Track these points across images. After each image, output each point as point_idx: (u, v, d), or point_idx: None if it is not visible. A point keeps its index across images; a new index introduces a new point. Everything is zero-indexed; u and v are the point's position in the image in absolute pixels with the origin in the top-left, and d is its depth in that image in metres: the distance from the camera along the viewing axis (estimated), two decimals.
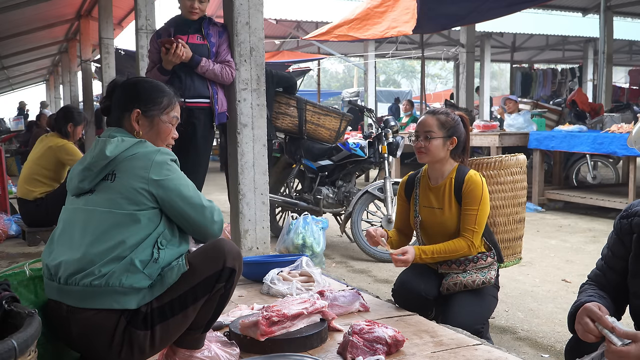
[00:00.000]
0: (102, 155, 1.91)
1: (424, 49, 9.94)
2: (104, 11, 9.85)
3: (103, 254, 1.82)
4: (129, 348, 1.84)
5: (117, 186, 1.89)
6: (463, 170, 2.74)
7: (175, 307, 1.85)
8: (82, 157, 2.07)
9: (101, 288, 1.80)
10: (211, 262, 1.88)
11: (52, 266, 1.88)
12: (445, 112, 2.77)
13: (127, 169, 1.90)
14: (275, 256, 3.54)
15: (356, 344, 2.09)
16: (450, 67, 29.20)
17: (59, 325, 1.89)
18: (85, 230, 1.87)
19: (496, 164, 3.04)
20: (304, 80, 19.55)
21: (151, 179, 1.89)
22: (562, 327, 3.42)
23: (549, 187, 7.80)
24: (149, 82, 2.14)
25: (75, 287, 1.82)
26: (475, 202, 2.65)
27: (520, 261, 3.17)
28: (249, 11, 3.69)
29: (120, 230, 1.85)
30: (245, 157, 3.69)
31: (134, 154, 1.92)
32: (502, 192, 3.03)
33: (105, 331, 1.82)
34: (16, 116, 19.07)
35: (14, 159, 11.74)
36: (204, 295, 1.88)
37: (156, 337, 1.85)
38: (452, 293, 2.70)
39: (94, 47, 13.02)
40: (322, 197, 5.44)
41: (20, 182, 4.86)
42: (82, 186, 1.94)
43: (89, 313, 1.82)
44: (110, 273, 1.80)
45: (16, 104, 20.28)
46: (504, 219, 3.03)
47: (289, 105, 5.39)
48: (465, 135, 2.79)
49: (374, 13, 8.07)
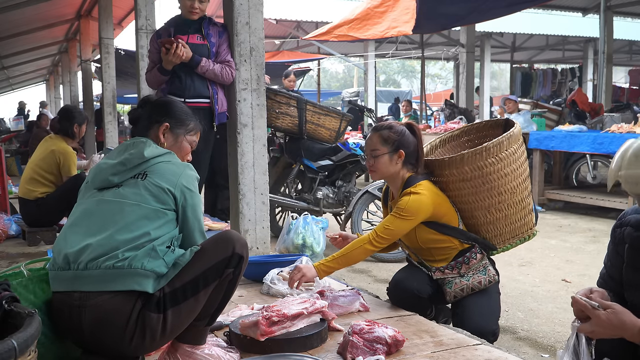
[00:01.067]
0: (139, 154, 2.05)
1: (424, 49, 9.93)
2: (104, 11, 9.84)
3: (128, 241, 1.91)
4: (141, 333, 1.87)
5: (147, 184, 2.01)
6: (411, 182, 2.69)
7: (188, 291, 1.92)
8: (108, 154, 2.16)
9: (123, 270, 1.86)
10: (221, 248, 1.99)
11: (73, 252, 1.91)
12: (388, 127, 2.74)
13: (159, 172, 2.04)
14: (275, 256, 3.54)
15: (356, 344, 2.10)
16: (450, 67, 29.21)
17: (68, 317, 1.89)
18: (111, 219, 1.95)
19: (501, 145, 2.68)
20: (304, 80, 19.56)
21: (181, 184, 2.04)
22: (562, 327, 3.42)
23: (549, 187, 7.80)
24: (182, 105, 2.33)
25: (97, 270, 1.87)
26: (398, 208, 2.62)
27: (537, 233, 2.93)
28: (249, 11, 3.69)
29: (147, 222, 1.96)
30: (245, 157, 3.69)
31: (169, 161, 2.10)
32: (517, 170, 2.73)
33: (121, 314, 1.85)
34: (16, 116, 19.08)
35: (14, 159, 11.73)
36: (215, 279, 1.96)
37: (168, 321, 1.90)
38: (460, 298, 2.70)
39: (94, 47, 13.02)
40: (322, 197, 5.44)
41: (22, 182, 4.86)
42: (112, 180, 2.03)
43: (105, 297, 1.85)
44: (133, 256, 1.89)
45: (16, 104, 20.29)
46: (525, 193, 2.78)
47: (289, 105, 5.40)
48: (415, 144, 2.75)
49: (374, 13, 8.07)
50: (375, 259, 5.04)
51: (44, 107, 16.88)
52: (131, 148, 2.10)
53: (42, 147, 4.91)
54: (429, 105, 15.66)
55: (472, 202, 2.74)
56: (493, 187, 2.70)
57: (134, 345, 1.89)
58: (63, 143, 4.86)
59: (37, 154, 4.89)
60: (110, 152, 2.17)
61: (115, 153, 2.13)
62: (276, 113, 5.35)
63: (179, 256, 1.97)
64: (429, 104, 15.48)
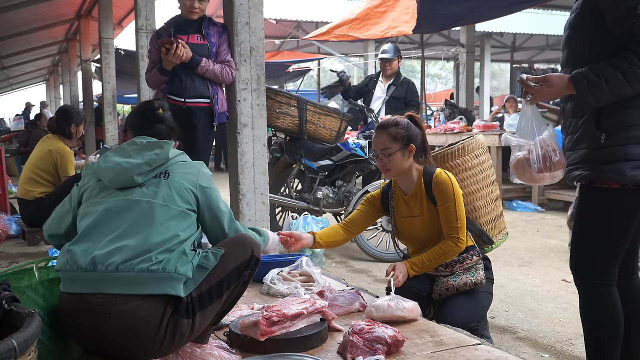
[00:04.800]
0: (164, 154, 2.08)
1: (424, 49, 9.93)
2: (104, 11, 9.85)
3: (161, 243, 1.89)
4: (171, 337, 1.87)
5: (171, 183, 2.03)
6: (429, 172, 2.73)
7: (213, 295, 1.95)
8: (119, 152, 2.11)
9: (158, 273, 1.84)
10: (242, 251, 2.04)
11: (102, 254, 1.85)
12: (394, 123, 2.72)
13: (179, 171, 2.08)
14: (275, 256, 3.53)
15: (356, 343, 2.09)
16: (450, 67, 29.20)
17: (83, 321, 1.84)
18: (143, 220, 1.93)
19: (460, 151, 3.00)
20: (303, 80, 19.57)
21: (199, 185, 2.08)
22: (562, 327, 3.42)
23: (549, 187, 7.79)
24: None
25: (129, 272, 1.83)
26: (449, 198, 2.64)
27: (507, 236, 3.15)
28: (249, 11, 3.69)
29: (176, 224, 1.96)
30: (245, 157, 3.69)
31: (185, 161, 2.15)
32: (473, 177, 3.00)
33: (153, 320, 1.83)
34: (16, 116, 19.07)
35: (14, 159, 11.74)
36: (235, 282, 2.02)
37: (195, 324, 1.92)
38: (445, 297, 2.71)
39: (94, 47, 13.03)
40: (322, 197, 5.44)
41: (20, 182, 4.87)
42: (137, 179, 2.02)
43: (137, 302, 1.81)
44: (167, 259, 1.87)
45: (16, 104, 20.30)
46: (482, 201, 3.02)
47: (289, 105, 5.40)
48: (420, 135, 2.77)
49: (374, 13, 8.06)
50: (376, 259, 5.04)
51: (45, 107, 16.88)
52: (155, 148, 2.09)
53: (39, 147, 4.92)
54: (429, 105, 15.65)
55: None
56: (487, 176, 3.04)
57: (162, 349, 1.89)
58: (60, 143, 4.86)
59: (35, 154, 4.90)
60: (123, 150, 2.11)
61: (131, 151, 2.09)
62: (276, 113, 5.35)
63: (202, 258, 1.98)
64: (429, 104, 15.45)
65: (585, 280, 2.22)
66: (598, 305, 2.19)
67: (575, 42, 2.19)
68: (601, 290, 2.18)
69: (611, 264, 2.18)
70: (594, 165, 2.10)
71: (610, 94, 2.01)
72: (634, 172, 2.03)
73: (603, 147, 2.07)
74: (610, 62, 2.01)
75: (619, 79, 1.99)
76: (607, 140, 2.06)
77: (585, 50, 2.14)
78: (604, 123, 2.07)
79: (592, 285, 2.20)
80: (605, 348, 2.18)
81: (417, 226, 2.76)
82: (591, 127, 2.10)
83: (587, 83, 2.03)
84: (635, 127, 2.04)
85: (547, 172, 2.18)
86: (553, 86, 2.12)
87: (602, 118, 2.08)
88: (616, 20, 2.03)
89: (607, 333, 2.17)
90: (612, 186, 2.08)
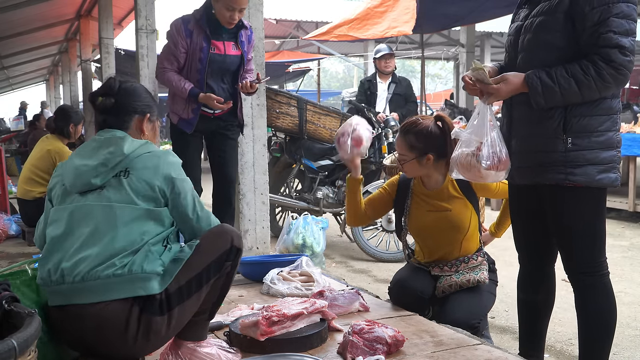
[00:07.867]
0: (119, 151, 1.95)
1: (424, 48, 9.92)
2: (103, 11, 9.84)
3: (124, 248, 1.86)
4: (145, 335, 1.85)
5: (132, 182, 1.92)
6: None
7: (192, 287, 1.92)
8: (80, 153, 2.02)
9: (124, 276, 1.82)
10: (221, 242, 1.98)
11: (67, 267, 1.83)
12: (414, 132, 2.67)
13: (142, 166, 1.95)
14: (275, 256, 3.54)
15: (356, 344, 2.09)
16: (450, 67, 29.20)
17: (68, 328, 1.87)
18: (104, 226, 1.88)
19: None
20: (303, 80, 19.57)
21: (165, 175, 1.96)
22: (562, 327, 3.42)
23: None
24: (144, 87, 2.24)
25: (96, 281, 1.81)
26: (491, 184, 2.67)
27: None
28: (249, 11, 3.69)
29: (139, 224, 1.90)
30: (245, 157, 3.70)
31: (149, 152, 1.99)
32: None
33: (117, 320, 1.82)
34: (16, 116, 19.06)
35: (14, 159, 11.73)
36: (216, 274, 1.96)
37: (173, 319, 1.89)
38: (448, 294, 2.71)
39: (94, 47, 13.03)
40: (322, 197, 5.44)
41: (20, 182, 4.87)
42: (95, 182, 1.93)
43: (101, 305, 1.81)
44: (131, 261, 1.84)
45: (16, 103, 20.28)
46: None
47: (289, 105, 5.40)
48: (444, 140, 2.67)
49: (374, 13, 8.06)
50: (375, 259, 5.04)
51: (45, 108, 16.88)
52: (109, 145, 1.97)
53: (38, 147, 4.92)
54: (429, 105, 15.65)
55: None
56: None
57: (138, 347, 1.88)
58: (59, 143, 4.86)
59: (34, 154, 4.90)
60: (83, 150, 2.02)
61: (89, 151, 2.00)
62: (276, 113, 5.35)
63: (177, 252, 1.94)
64: (429, 104, 15.46)
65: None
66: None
67: (544, 43, 2.22)
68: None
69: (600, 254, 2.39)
70: (563, 168, 2.18)
71: (561, 99, 2.12)
72: (601, 176, 2.17)
73: (571, 150, 2.16)
74: (566, 68, 2.10)
75: (571, 86, 2.08)
76: (574, 144, 2.15)
77: (552, 52, 2.18)
78: (571, 127, 2.16)
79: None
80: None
81: (446, 221, 2.70)
82: (557, 130, 2.18)
83: (541, 85, 2.12)
84: (600, 133, 2.16)
85: (494, 170, 2.21)
86: (510, 84, 2.17)
87: (568, 122, 2.16)
88: (585, 28, 2.09)
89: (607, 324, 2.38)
90: (578, 186, 2.19)
